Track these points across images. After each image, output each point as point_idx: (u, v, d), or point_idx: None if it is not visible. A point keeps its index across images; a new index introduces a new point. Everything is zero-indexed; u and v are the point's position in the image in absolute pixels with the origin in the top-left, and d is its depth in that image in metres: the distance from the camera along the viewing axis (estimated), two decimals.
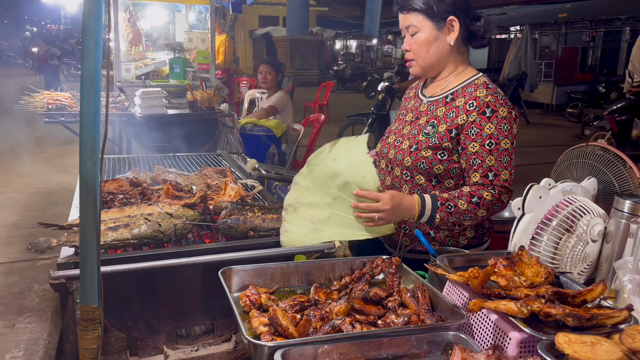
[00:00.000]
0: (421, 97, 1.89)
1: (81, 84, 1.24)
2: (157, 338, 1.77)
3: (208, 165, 2.92)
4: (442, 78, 1.82)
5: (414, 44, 1.75)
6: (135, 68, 5.81)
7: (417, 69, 1.80)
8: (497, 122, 1.68)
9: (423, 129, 1.78)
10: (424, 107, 1.84)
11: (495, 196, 1.67)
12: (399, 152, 1.82)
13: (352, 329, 1.21)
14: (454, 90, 1.78)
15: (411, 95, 1.98)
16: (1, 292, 3.41)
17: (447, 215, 1.66)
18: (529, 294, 1.23)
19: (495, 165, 1.68)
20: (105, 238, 1.64)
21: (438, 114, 1.77)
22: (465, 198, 1.66)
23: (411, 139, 1.79)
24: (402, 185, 1.83)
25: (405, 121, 1.89)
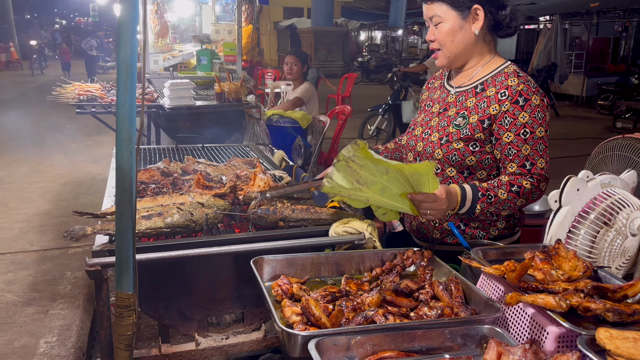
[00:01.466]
0: (448, 88, 1.86)
1: (117, 73, 1.26)
2: (189, 326, 1.79)
3: (236, 156, 2.94)
4: (469, 68, 1.79)
5: (439, 34, 1.72)
6: (163, 60, 5.86)
7: (443, 60, 1.77)
8: (531, 110, 1.65)
9: (453, 121, 1.75)
10: (452, 98, 1.81)
11: (534, 184, 1.64)
12: (428, 145, 1.79)
13: (385, 320, 1.21)
14: (483, 79, 1.75)
15: (436, 85, 1.95)
16: (35, 279, 3.51)
17: (488, 206, 1.63)
18: (567, 288, 1.20)
19: (531, 154, 1.65)
20: (139, 226, 1.66)
21: (468, 105, 1.74)
22: (505, 187, 1.63)
23: (441, 131, 1.77)
24: None
25: (432, 112, 1.86)
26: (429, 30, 1.77)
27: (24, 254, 3.89)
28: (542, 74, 12.61)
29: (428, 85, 2.00)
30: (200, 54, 5.81)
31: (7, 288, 3.37)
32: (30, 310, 3.11)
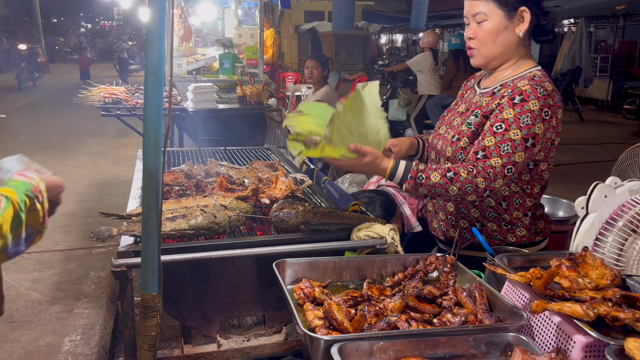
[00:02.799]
0: (477, 88, 1.85)
1: (145, 78, 1.28)
2: (211, 327, 1.80)
3: (257, 159, 2.96)
4: (501, 70, 1.75)
5: (481, 32, 1.67)
6: (187, 63, 5.93)
7: (480, 59, 1.72)
8: (520, 110, 1.58)
9: (466, 119, 1.75)
10: (477, 98, 1.80)
11: (471, 174, 1.57)
12: (444, 143, 1.80)
13: (408, 326, 1.20)
14: (504, 81, 1.72)
15: (470, 85, 1.93)
16: (60, 278, 3.58)
17: (417, 186, 1.61)
18: (595, 297, 1.18)
19: (491, 147, 1.59)
20: (164, 228, 1.68)
21: (482, 104, 1.72)
22: (440, 171, 1.60)
23: (455, 129, 1.77)
24: None
25: (457, 112, 1.85)
26: (467, 27, 1.72)
27: (50, 253, 3.97)
28: (567, 77, 12.42)
29: (467, 84, 1.96)
30: (222, 58, 5.86)
31: (33, 287, 3.44)
32: (55, 309, 3.17)
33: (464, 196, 1.60)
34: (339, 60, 12.43)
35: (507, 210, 1.76)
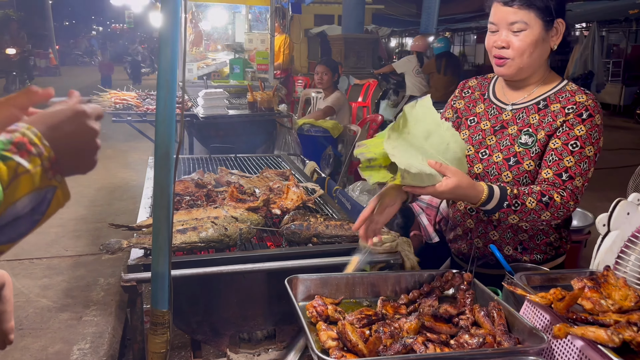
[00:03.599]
0: (498, 104, 1.74)
1: (157, 90, 1.26)
2: (220, 341, 1.78)
3: (268, 167, 2.93)
4: (530, 83, 1.68)
5: (520, 42, 1.57)
6: (197, 68, 5.93)
7: (513, 70, 1.61)
8: (590, 127, 1.56)
9: (517, 139, 1.64)
10: (508, 115, 1.69)
11: (565, 199, 1.51)
12: (490, 166, 1.67)
13: (425, 349, 1.16)
14: (544, 96, 1.65)
15: (476, 97, 1.81)
16: (69, 285, 3.57)
17: (511, 213, 1.50)
18: (619, 320, 1.14)
19: (573, 167, 1.54)
20: (174, 241, 1.66)
21: (532, 122, 1.63)
22: (535, 196, 1.50)
23: (504, 151, 1.65)
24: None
25: (482, 130, 1.73)
26: (496, 34, 1.61)
27: (59, 259, 3.97)
28: (579, 82, 12.21)
29: (462, 94, 1.84)
30: (233, 63, 5.86)
31: (42, 293, 3.44)
32: (64, 316, 3.16)
33: (555, 220, 1.55)
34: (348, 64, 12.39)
35: (556, 229, 1.72)
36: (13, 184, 0.67)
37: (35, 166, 0.70)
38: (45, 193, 0.72)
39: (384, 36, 23.24)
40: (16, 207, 0.68)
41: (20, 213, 0.69)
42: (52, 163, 0.72)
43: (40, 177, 0.71)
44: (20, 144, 0.69)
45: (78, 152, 0.79)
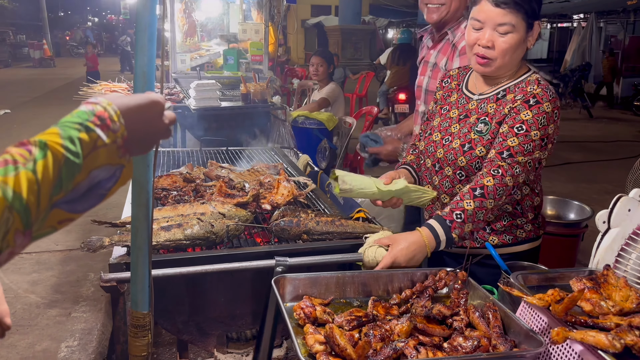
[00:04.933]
0: (468, 94, 1.78)
1: (134, 81, 1.19)
2: (208, 341, 1.73)
3: (260, 160, 2.87)
4: (502, 77, 1.69)
5: (504, 44, 1.57)
6: (191, 59, 5.84)
7: (493, 69, 1.63)
8: (537, 112, 1.58)
9: (474, 127, 1.69)
10: (473, 104, 1.74)
11: (497, 177, 1.55)
12: (449, 152, 1.72)
13: (416, 353, 1.11)
14: (506, 87, 1.68)
15: (452, 86, 1.84)
16: (59, 280, 3.51)
17: (462, 224, 1.55)
18: (620, 324, 1.08)
19: (515, 147, 1.56)
20: (158, 238, 1.60)
21: (489, 111, 1.68)
22: (468, 196, 1.56)
23: (462, 138, 1.70)
24: (456, 185, 1.74)
25: (450, 118, 1.78)
26: (479, 32, 1.60)
27: (49, 253, 3.90)
28: (576, 74, 12.24)
29: (442, 84, 1.88)
30: (227, 54, 5.76)
31: (31, 289, 3.38)
32: (52, 312, 3.10)
33: (498, 202, 1.58)
34: (345, 55, 12.29)
35: (522, 214, 1.74)
36: (91, 155, 0.70)
37: (111, 142, 0.72)
38: (114, 170, 0.74)
39: (381, 27, 23.11)
40: (90, 177, 0.70)
41: (92, 184, 0.71)
42: (124, 142, 0.75)
43: (113, 152, 0.73)
44: (102, 118, 0.72)
45: (148, 137, 0.82)
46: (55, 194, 0.67)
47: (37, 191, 0.64)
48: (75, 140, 0.69)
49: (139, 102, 0.80)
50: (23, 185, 0.63)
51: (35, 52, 23.48)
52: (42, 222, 0.67)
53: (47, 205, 0.66)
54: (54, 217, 0.68)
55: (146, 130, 0.81)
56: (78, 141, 0.69)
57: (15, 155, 0.64)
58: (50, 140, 0.67)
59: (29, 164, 0.64)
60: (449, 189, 1.76)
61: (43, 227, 0.68)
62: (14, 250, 0.65)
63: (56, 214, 0.69)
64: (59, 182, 0.67)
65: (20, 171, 0.63)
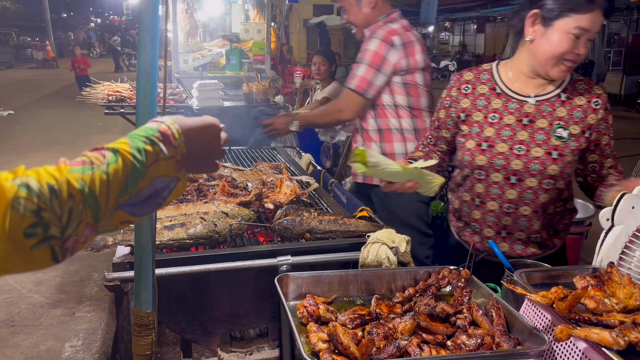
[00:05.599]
0: (518, 97, 1.69)
1: (137, 80, 1.19)
2: (211, 340, 1.73)
3: (263, 159, 2.87)
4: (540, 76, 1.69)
5: (586, 50, 1.58)
6: (193, 59, 5.85)
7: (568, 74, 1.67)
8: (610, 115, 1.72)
9: (552, 133, 1.64)
10: (531, 107, 1.67)
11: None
12: (531, 162, 1.64)
13: (420, 352, 1.11)
14: (562, 87, 1.68)
15: (484, 92, 1.73)
16: (63, 280, 3.52)
17: None
18: (624, 321, 1.08)
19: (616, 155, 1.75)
20: (161, 237, 1.61)
21: (560, 115, 1.65)
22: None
23: (544, 145, 1.64)
24: (540, 196, 1.67)
25: (507, 125, 1.67)
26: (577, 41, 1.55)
27: None
28: (579, 72, 12.19)
29: (462, 91, 1.76)
30: (229, 54, 5.77)
31: (35, 289, 3.39)
32: (57, 312, 3.11)
33: None
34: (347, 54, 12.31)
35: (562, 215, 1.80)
36: (154, 165, 0.79)
37: (171, 156, 0.82)
38: (170, 182, 0.83)
39: None
40: (151, 185, 0.79)
41: (151, 192, 0.80)
42: (182, 157, 0.84)
43: (172, 166, 0.82)
44: (165, 134, 0.82)
45: (204, 156, 0.91)
46: (121, 196, 0.75)
47: (107, 191, 0.73)
48: (142, 151, 0.78)
49: (199, 124, 0.89)
50: (97, 184, 0.72)
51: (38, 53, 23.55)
52: (107, 219, 0.75)
53: (113, 205, 0.75)
54: (117, 217, 0.77)
55: (204, 149, 0.90)
56: (144, 152, 0.78)
57: (92, 157, 0.74)
58: (122, 148, 0.77)
59: (102, 166, 0.73)
60: (531, 201, 1.67)
61: (107, 224, 0.76)
62: (78, 239, 0.72)
63: (119, 215, 0.77)
64: (126, 185, 0.75)
65: (96, 172, 0.72)
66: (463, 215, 1.84)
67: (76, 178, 0.70)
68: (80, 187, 0.70)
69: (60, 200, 0.68)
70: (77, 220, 0.70)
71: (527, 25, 1.61)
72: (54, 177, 0.69)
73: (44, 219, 0.66)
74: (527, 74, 1.69)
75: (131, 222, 0.80)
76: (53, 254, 0.70)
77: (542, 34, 1.58)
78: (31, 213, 0.65)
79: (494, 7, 16.96)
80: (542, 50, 1.59)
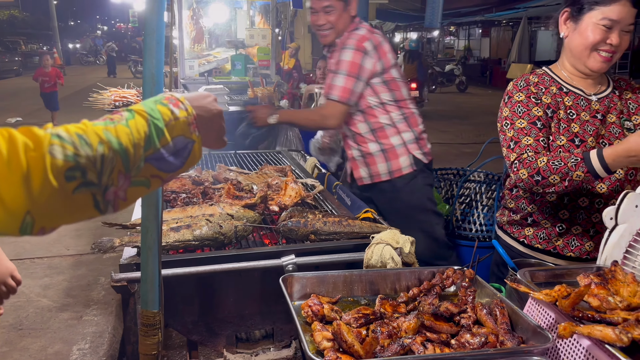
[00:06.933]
0: (583, 95, 1.76)
1: (143, 84, 1.21)
2: (217, 341, 1.74)
3: (268, 163, 2.89)
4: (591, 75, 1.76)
5: (625, 43, 1.66)
6: (199, 65, 5.89)
7: (609, 66, 1.70)
8: None
9: (623, 126, 1.75)
10: (596, 105, 1.75)
11: None
12: None
13: (424, 349, 1.11)
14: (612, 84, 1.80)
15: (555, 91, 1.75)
16: (70, 284, 3.54)
17: None
18: (628, 318, 1.08)
19: None
20: (167, 239, 1.62)
21: (620, 108, 1.76)
22: None
23: (621, 138, 1.73)
24: (626, 187, 1.71)
25: (585, 120, 1.73)
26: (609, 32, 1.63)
27: (61, 258, 3.94)
28: None
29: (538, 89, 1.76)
30: (234, 59, 5.80)
31: (43, 293, 3.41)
32: (64, 315, 3.13)
33: None
34: None
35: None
36: (171, 124, 0.85)
37: (184, 117, 0.88)
38: (188, 142, 0.88)
39: (388, 31, 23.13)
40: (173, 143, 0.85)
41: (174, 151, 0.86)
42: (194, 119, 0.90)
43: (187, 127, 0.88)
44: (171, 99, 0.89)
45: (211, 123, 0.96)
46: (147, 149, 0.81)
47: (131, 141, 0.78)
48: (155, 110, 0.85)
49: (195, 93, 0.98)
50: (122, 134, 0.78)
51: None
52: (137, 170, 0.80)
53: (141, 156, 0.80)
54: (147, 170, 0.82)
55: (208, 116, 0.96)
56: (157, 111, 0.85)
57: (112, 116, 0.81)
58: (136, 108, 0.84)
59: (122, 121, 0.80)
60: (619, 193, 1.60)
61: (139, 175, 0.81)
62: (118, 192, 0.78)
63: (148, 168, 0.82)
64: (148, 139, 0.81)
65: (118, 124, 0.78)
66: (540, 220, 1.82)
67: (101, 129, 0.76)
68: (106, 136, 0.76)
69: (91, 147, 0.73)
70: (110, 167, 0.75)
71: (561, 24, 1.73)
72: (81, 129, 0.75)
73: (80, 163, 0.71)
74: (576, 73, 1.77)
75: (161, 178, 0.85)
76: (95, 202, 0.75)
77: (574, 29, 1.69)
78: (68, 158, 0.70)
79: (498, 12, 16.97)
80: (575, 44, 1.70)
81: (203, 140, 0.94)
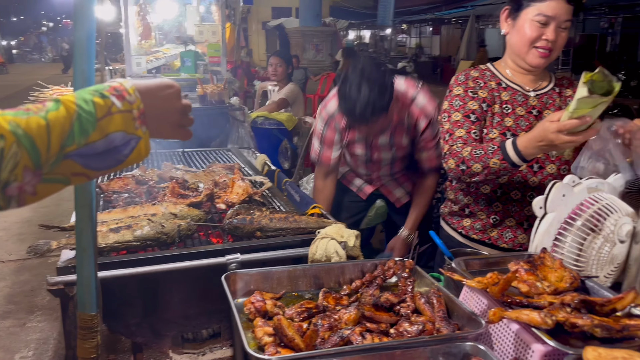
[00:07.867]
0: (521, 90, 1.81)
1: (74, 81, 1.17)
2: (163, 342, 1.71)
3: (217, 161, 2.86)
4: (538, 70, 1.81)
5: (562, 40, 1.70)
6: (147, 62, 5.75)
7: (547, 62, 1.75)
8: None
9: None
10: (534, 101, 1.80)
11: None
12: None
13: (362, 340, 1.14)
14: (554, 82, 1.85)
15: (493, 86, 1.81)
16: (12, 290, 3.41)
17: None
18: (553, 302, 1.14)
19: None
20: (107, 240, 1.59)
21: (559, 105, 1.80)
22: None
23: None
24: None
25: (520, 115, 1.78)
26: (544, 28, 1.68)
27: (2, 264, 3.78)
28: None
29: (477, 83, 1.82)
30: (184, 56, 5.69)
31: None
32: (6, 323, 3.01)
33: None
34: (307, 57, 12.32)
35: None
36: (106, 119, 0.78)
37: (126, 110, 0.81)
38: (130, 138, 0.82)
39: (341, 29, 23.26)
40: (107, 140, 0.79)
41: (109, 147, 0.79)
42: (140, 114, 0.83)
43: (129, 122, 0.82)
44: (117, 89, 0.82)
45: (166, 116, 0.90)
46: (67, 144, 0.74)
47: (46, 136, 0.72)
48: (89, 102, 0.77)
49: (155, 82, 0.90)
50: (32, 127, 0.71)
51: None
52: (52, 166, 0.73)
53: (57, 152, 0.73)
54: (67, 168, 0.76)
55: (164, 108, 0.89)
56: (92, 103, 0.78)
57: (30, 106, 0.74)
58: (65, 99, 0.76)
59: (41, 112, 0.72)
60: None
61: (53, 173, 0.74)
62: (23, 187, 0.71)
63: (69, 165, 0.76)
64: (71, 134, 0.74)
65: (32, 116, 0.71)
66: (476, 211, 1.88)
67: (7, 120, 0.69)
68: (12, 128, 0.69)
69: None
70: (13, 162, 0.69)
71: (502, 21, 1.79)
72: None
73: None
74: (517, 69, 1.82)
75: (87, 176, 0.79)
76: None
77: (513, 25, 1.75)
78: None
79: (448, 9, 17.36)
80: (514, 40, 1.76)
81: (158, 133, 0.88)
